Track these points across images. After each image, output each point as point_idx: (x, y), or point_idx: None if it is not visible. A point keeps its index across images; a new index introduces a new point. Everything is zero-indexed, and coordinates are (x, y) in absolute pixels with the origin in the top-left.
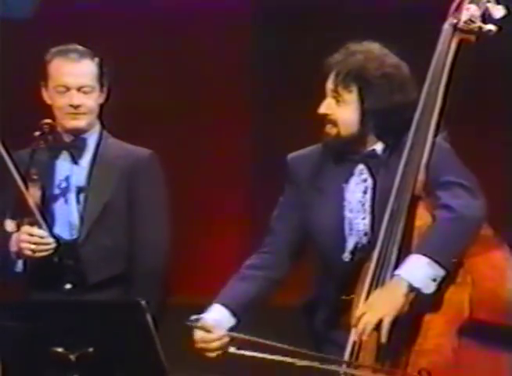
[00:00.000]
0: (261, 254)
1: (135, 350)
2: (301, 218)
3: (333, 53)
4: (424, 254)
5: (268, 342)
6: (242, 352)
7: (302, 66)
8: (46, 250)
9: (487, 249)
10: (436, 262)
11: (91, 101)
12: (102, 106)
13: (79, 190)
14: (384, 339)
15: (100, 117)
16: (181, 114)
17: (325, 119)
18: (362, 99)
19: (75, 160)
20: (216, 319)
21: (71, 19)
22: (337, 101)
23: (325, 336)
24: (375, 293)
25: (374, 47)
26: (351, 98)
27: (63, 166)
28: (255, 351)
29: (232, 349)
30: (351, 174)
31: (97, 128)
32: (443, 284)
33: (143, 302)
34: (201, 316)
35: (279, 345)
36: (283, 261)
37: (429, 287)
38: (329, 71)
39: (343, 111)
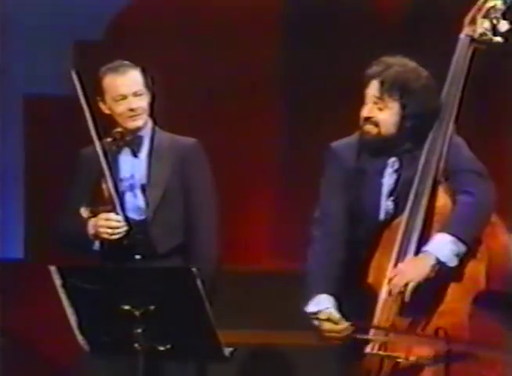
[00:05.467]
0: (326, 238)
1: (187, 308)
2: (348, 196)
3: (369, 63)
4: (449, 233)
5: (379, 327)
6: (360, 336)
7: (328, 71)
8: (120, 233)
9: (494, 230)
10: (459, 239)
11: (144, 102)
12: (152, 106)
13: (141, 180)
14: (407, 299)
15: (152, 115)
16: (221, 108)
17: (367, 121)
18: (403, 106)
19: (135, 154)
20: (335, 309)
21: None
22: (379, 107)
23: (345, 294)
24: (405, 261)
25: (406, 61)
26: (394, 104)
27: (126, 160)
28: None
29: (358, 336)
30: (386, 165)
31: (149, 124)
32: (464, 259)
33: (194, 269)
34: (323, 307)
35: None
36: (344, 238)
37: (453, 261)
38: (368, 81)
39: (385, 115)
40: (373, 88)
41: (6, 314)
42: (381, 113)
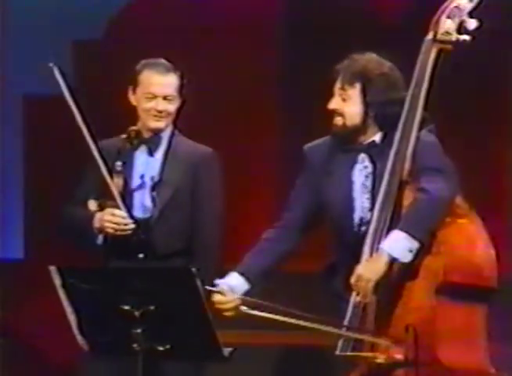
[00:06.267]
0: (278, 228)
1: (187, 308)
2: (315, 197)
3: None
4: (402, 230)
5: (272, 305)
6: (252, 311)
7: (322, 75)
8: (126, 230)
9: (460, 223)
10: (412, 236)
11: (172, 107)
12: (179, 111)
13: (153, 179)
14: (368, 299)
15: (175, 119)
16: (224, 116)
17: (333, 113)
18: (364, 94)
19: (151, 153)
20: (231, 285)
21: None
22: (343, 98)
23: (342, 295)
24: (363, 263)
25: (373, 56)
26: (355, 93)
27: (141, 157)
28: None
29: (244, 308)
30: (355, 162)
31: (170, 127)
32: (419, 254)
33: (194, 269)
34: (218, 281)
35: (282, 307)
36: (295, 235)
37: (406, 257)
38: (337, 76)
39: (348, 105)
40: (338, 82)
41: (6, 314)
42: (345, 104)
